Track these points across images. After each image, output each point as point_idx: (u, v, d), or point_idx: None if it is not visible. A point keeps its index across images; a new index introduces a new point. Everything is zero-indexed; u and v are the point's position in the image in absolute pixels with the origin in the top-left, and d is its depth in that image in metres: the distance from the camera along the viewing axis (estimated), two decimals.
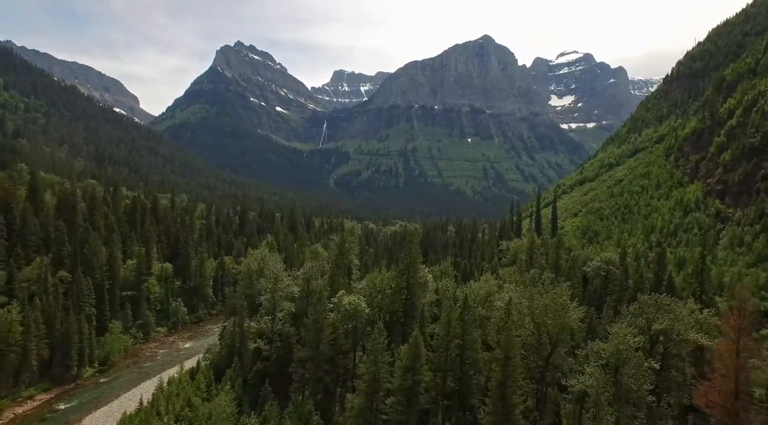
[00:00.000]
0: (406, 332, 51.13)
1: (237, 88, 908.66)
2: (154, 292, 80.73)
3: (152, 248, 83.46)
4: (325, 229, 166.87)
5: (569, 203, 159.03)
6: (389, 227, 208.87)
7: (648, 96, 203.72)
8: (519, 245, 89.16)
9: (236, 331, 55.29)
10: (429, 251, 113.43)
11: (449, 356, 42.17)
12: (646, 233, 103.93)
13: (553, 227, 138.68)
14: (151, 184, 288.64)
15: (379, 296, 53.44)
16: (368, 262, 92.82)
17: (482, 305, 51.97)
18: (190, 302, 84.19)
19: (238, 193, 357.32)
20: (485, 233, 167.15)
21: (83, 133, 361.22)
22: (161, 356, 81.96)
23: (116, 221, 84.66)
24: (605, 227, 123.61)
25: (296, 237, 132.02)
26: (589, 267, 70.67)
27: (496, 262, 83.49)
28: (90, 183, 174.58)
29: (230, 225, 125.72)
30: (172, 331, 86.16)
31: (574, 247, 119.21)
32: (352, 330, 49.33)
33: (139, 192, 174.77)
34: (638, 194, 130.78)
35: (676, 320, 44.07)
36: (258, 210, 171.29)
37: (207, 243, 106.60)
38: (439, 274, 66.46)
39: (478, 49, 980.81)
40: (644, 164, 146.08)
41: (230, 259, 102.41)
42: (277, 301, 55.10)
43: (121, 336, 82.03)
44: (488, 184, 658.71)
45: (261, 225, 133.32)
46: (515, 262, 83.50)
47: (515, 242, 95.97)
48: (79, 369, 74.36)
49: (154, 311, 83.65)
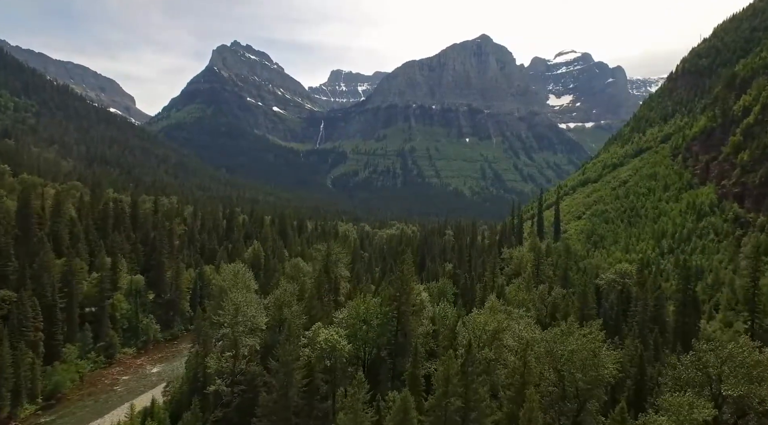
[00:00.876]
0: (396, 370, 43.96)
1: (234, 88, 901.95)
2: (120, 309, 72.28)
3: (120, 259, 75.07)
4: (318, 233, 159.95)
5: (572, 205, 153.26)
6: (386, 229, 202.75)
7: (651, 94, 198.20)
8: (523, 255, 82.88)
9: (199, 364, 48.28)
10: (426, 258, 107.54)
11: (448, 418, 33.28)
12: (656, 238, 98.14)
13: (555, 231, 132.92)
14: (142, 185, 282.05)
15: (364, 328, 45.26)
16: (360, 271, 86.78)
17: (489, 345, 42.87)
18: (165, 317, 75.88)
19: (233, 194, 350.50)
20: (485, 236, 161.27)
21: (75, 133, 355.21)
22: (123, 384, 71.30)
23: (84, 228, 76.98)
24: (611, 230, 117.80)
25: (286, 243, 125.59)
26: (603, 280, 64.59)
27: (499, 273, 76.65)
28: (74, 185, 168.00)
29: (216, 230, 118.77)
30: (142, 352, 75.77)
31: (579, 252, 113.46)
32: (331, 370, 41.77)
33: (126, 194, 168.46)
34: (645, 196, 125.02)
35: (759, 381, 33.28)
36: (249, 213, 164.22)
37: (189, 250, 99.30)
38: (437, 293, 59.76)
39: (476, 48, 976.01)
40: (650, 165, 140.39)
41: (211, 268, 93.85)
42: (238, 337, 46.01)
43: (77, 362, 71.51)
44: (486, 184, 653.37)
45: (249, 230, 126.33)
46: (519, 272, 77.36)
47: (518, 251, 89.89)
48: (13, 408, 62.29)
49: (120, 330, 73.13)
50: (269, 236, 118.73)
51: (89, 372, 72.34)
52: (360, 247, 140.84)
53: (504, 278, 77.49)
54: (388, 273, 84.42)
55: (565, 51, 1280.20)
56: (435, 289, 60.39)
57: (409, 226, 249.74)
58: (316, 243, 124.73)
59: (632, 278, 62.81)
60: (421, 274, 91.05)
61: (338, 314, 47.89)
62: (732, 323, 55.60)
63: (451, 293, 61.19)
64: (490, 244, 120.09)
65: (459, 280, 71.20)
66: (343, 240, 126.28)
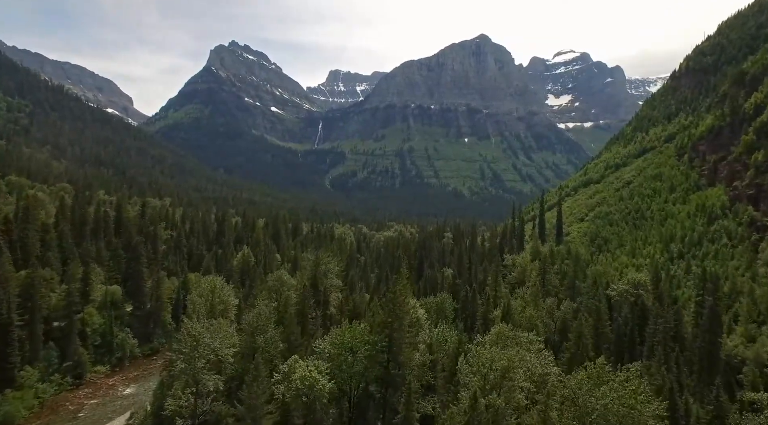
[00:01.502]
0: (388, 406, 37.81)
1: (231, 88, 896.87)
2: (92, 323, 65.22)
3: (94, 268, 69.09)
4: (313, 236, 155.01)
5: (574, 206, 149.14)
6: (383, 231, 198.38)
7: (654, 93, 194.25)
8: (527, 262, 78.41)
9: (167, 394, 41.32)
10: (424, 262, 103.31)
11: None
12: (664, 241, 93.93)
13: (558, 234, 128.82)
14: (137, 186, 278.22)
15: (350, 359, 38.88)
16: (355, 278, 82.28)
17: (497, 388, 35.52)
18: (144, 330, 69.88)
19: (229, 195, 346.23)
20: (485, 238, 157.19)
21: (69, 134, 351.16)
22: (89, 409, 62.41)
23: (58, 235, 71.79)
24: (616, 233, 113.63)
25: (279, 247, 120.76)
26: (614, 291, 60.27)
27: (501, 283, 71.67)
28: (63, 187, 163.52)
29: (207, 234, 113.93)
30: (116, 369, 67.66)
31: (583, 256, 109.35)
32: (309, 408, 35.09)
33: (117, 197, 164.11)
34: (650, 198, 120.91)
35: None
36: (242, 215, 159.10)
37: (176, 256, 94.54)
38: (435, 310, 55.06)
39: (475, 48, 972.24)
40: (654, 165, 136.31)
41: (196, 276, 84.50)
42: (197, 374, 38.76)
43: (37, 385, 62.81)
44: (485, 184, 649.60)
45: (241, 233, 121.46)
46: (523, 280, 73.05)
47: (521, 258, 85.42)
48: None
49: (91, 346, 64.96)
50: (261, 241, 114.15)
51: (53, 395, 64.72)
52: (357, 250, 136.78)
53: (507, 286, 73.19)
54: (383, 281, 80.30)
55: (563, 51, 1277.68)
56: (433, 305, 55.59)
57: (408, 227, 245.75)
58: (310, 247, 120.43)
59: (646, 289, 58.60)
60: (419, 282, 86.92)
61: (320, 343, 41.65)
62: (755, 337, 51.49)
63: (451, 309, 56.58)
64: (490, 247, 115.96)
65: (459, 292, 66.78)
66: (338, 244, 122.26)
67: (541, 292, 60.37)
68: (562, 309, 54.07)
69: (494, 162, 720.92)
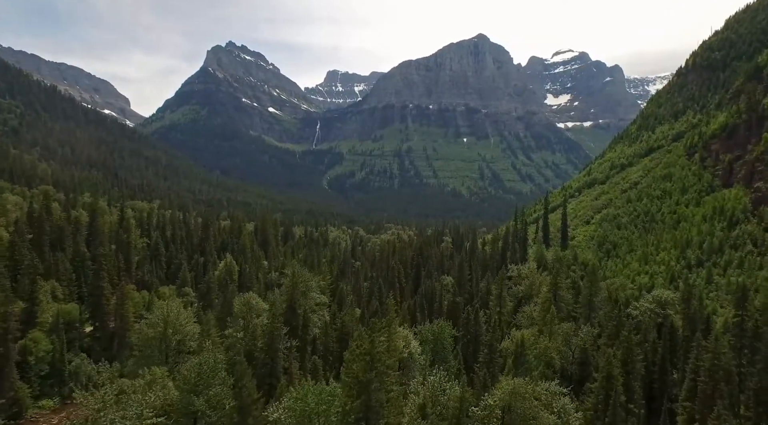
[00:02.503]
0: None
1: (229, 89, 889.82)
2: (37, 350, 51.48)
3: (41, 286, 59.63)
4: (306, 240, 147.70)
5: (578, 208, 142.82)
6: (380, 234, 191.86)
7: (659, 90, 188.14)
8: (534, 274, 71.29)
9: None
10: (422, 270, 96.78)
11: None
12: (680, 247, 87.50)
13: (563, 237, 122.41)
14: (127, 188, 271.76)
15: None
16: (345, 291, 75.42)
17: None
18: (107, 354, 59.92)
19: (223, 197, 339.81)
20: (486, 241, 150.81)
21: (60, 134, 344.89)
22: None
23: (9, 247, 63.75)
24: (625, 237, 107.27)
25: (268, 253, 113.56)
26: (636, 309, 53.55)
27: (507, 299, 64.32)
28: (45, 190, 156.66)
29: (190, 240, 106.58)
30: (67, 403, 53.74)
31: (590, 261, 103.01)
32: None
33: (103, 200, 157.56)
34: (660, 199, 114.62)
35: None
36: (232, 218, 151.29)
37: (152, 266, 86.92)
38: (431, 340, 47.76)
39: (473, 47, 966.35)
40: (663, 165, 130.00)
41: (171, 290, 77.29)
42: None
43: None
44: (485, 184, 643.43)
45: (227, 239, 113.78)
46: (531, 294, 66.31)
47: (528, 269, 78.42)
48: None
49: (36, 378, 52.82)
50: (248, 247, 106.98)
51: None
52: (352, 254, 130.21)
53: (512, 300, 66.38)
54: (375, 295, 73.73)
55: (562, 50, 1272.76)
56: (429, 334, 48.10)
57: (406, 229, 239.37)
58: (302, 252, 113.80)
59: (674, 308, 52.02)
60: (416, 294, 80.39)
61: (273, 411, 32.11)
62: None
63: (450, 337, 49.42)
64: (492, 252, 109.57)
65: (458, 312, 59.65)
66: (332, 249, 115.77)
67: (553, 311, 53.49)
68: (581, 336, 47.13)
69: (493, 162, 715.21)
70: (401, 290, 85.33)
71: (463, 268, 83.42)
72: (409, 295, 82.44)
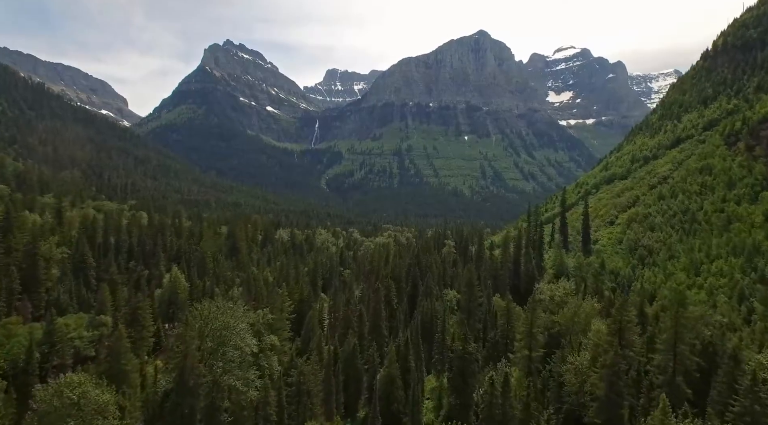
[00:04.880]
0: None
1: (226, 88, 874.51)
2: None
3: None
4: (288, 245, 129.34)
5: (598, 206, 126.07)
6: (375, 237, 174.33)
7: (681, 76, 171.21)
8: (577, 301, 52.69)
9: None
10: (420, 283, 79.28)
11: None
12: (740, 254, 70.92)
13: (584, 241, 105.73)
14: (109, 188, 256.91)
15: None
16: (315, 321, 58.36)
17: None
18: None
19: (212, 197, 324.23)
20: (493, 244, 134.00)
21: (42, 133, 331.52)
22: None
23: None
24: (661, 241, 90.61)
25: (238, 262, 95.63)
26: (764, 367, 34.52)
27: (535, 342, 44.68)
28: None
29: (142, 247, 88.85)
30: None
31: (621, 270, 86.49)
32: None
33: (66, 201, 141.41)
34: (699, 195, 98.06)
35: None
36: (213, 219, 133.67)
37: (76, 281, 68.68)
38: None
39: (474, 44, 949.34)
40: (698, 156, 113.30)
41: (78, 319, 56.14)
42: None
43: None
44: (486, 183, 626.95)
45: (184, 246, 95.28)
46: (570, 329, 48.28)
47: (564, 288, 60.39)
48: None
49: None
50: (209, 255, 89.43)
51: None
52: (341, 262, 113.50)
53: (543, 334, 47.96)
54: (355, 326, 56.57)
55: (563, 47, 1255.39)
56: None
57: (404, 231, 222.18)
58: (279, 259, 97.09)
59: None
60: (411, 318, 63.33)
61: None
62: None
63: None
64: (503, 259, 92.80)
65: (471, 367, 41.56)
66: (315, 256, 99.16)
67: (618, 360, 36.22)
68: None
69: (495, 160, 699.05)
70: (392, 314, 67.81)
71: (472, 285, 65.59)
72: (404, 319, 65.44)
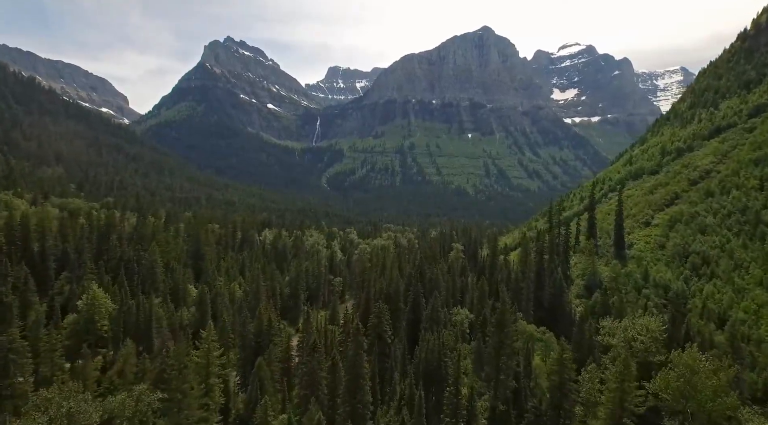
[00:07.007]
0: None
1: (226, 85, 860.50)
2: None
3: None
4: (268, 249, 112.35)
5: (629, 205, 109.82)
6: (374, 238, 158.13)
7: (714, 60, 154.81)
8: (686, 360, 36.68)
9: None
10: (423, 303, 62.06)
11: None
12: None
13: (617, 246, 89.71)
14: (93, 186, 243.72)
15: None
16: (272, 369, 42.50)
17: None
18: None
19: (204, 195, 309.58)
20: (507, 247, 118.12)
21: (27, 128, 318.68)
22: None
23: None
24: (718, 246, 74.70)
25: (201, 271, 79.84)
26: None
27: None
28: None
29: (78, 251, 73.03)
30: None
31: (670, 283, 70.51)
32: None
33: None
34: (760, 191, 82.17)
35: None
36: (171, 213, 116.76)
37: None
38: None
39: (478, 40, 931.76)
40: (750, 146, 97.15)
41: None
42: None
43: None
44: (490, 181, 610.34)
45: (131, 252, 79.67)
46: (685, 404, 32.01)
47: (640, 324, 44.64)
48: None
49: None
50: (159, 263, 73.44)
51: None
52: (330, 269, 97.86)
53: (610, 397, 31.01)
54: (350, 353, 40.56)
55: (568, 44, 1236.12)
56: None
57: (406, 231, 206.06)
58: (256, 266, 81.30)
59: None
60: (412, 357, 47.12)
61: None
62: None
63: None
64: (524, 269, 76.85)
65: None
66: (298, 264, 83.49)
67: None
68: None
69: (499, 158, 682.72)
70: (384, 350, 51.29)
71: (484, 301, 48.67)
72: (401, 357, 49.36)
